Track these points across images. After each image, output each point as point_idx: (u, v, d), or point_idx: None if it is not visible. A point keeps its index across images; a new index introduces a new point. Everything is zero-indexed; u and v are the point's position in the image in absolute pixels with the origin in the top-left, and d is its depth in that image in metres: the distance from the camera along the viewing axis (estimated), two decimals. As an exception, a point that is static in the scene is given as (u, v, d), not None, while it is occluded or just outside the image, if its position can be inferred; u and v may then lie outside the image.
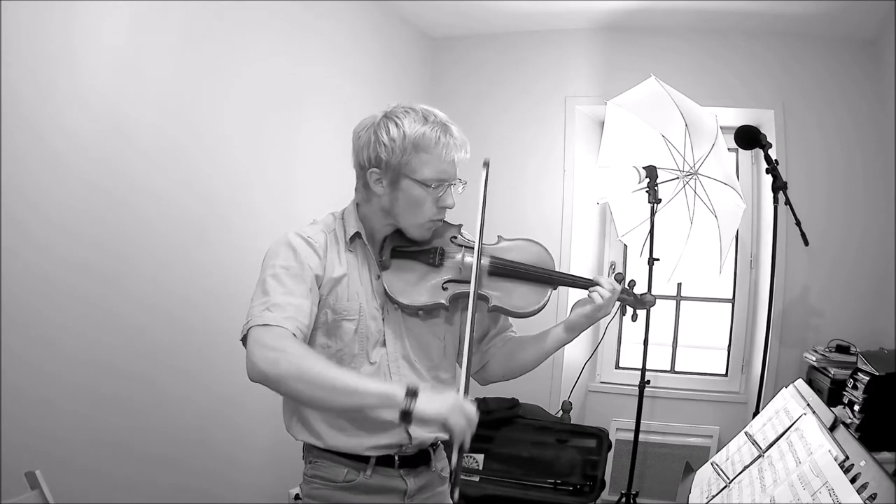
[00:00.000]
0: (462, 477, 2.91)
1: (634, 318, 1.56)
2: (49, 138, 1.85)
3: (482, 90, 3.77)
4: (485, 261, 1.43)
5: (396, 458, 1.40)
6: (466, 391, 1.23)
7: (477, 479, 2.93)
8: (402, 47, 3.62)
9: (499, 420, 3.04)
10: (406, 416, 1.15)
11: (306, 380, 1.18)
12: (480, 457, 2.99)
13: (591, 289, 1.45)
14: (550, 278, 1.45)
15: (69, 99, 1.90)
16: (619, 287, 1.45)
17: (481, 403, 3.10)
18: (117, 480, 2.07)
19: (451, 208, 1.41)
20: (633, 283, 1.52)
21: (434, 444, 1.49)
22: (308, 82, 2.89)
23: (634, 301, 1.53)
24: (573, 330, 1.47)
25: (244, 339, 1.28)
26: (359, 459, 1.38)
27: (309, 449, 1.43)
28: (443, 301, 1.39)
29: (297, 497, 2.81)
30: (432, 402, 1.16)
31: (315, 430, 1.38)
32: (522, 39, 3.76)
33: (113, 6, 2.01)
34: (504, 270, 1.44)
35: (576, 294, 1.51)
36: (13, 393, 1.77)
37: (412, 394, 1.16)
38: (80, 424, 1.97)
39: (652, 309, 1.63)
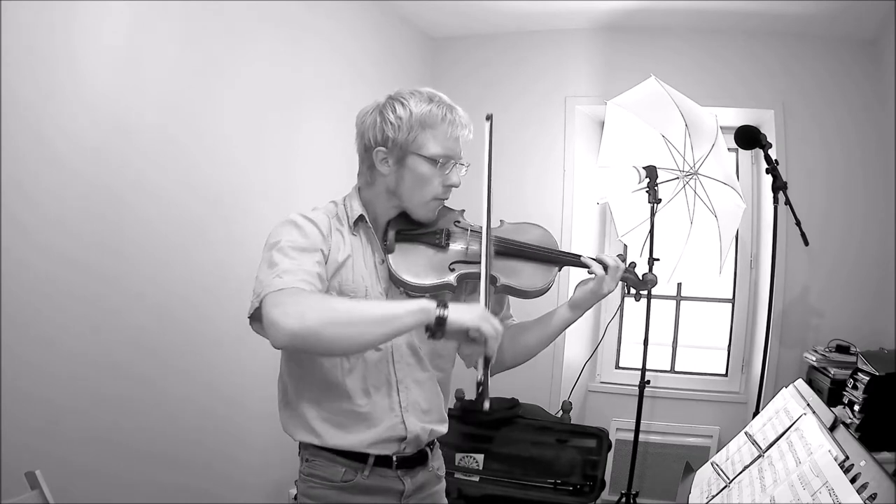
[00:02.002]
0: (462, 477, 2.93)
1: (638, 298, 1.59)
2: (49, 138, 1.85)
3: (482, 90, 3.77)
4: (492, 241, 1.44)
5: (394, 458, 1.40)
6: (487, 305, 1.27)
7: (477, 479, 2.93)
8: (402, 47, 3.62)
9: (499, 420, 3.04)
10: (441, 323, 1.16)
11: (339, 321, 1.16)
12: (480, 457, 2.99)
13: (590, 264, 1.46)
14: (556, 258, 1.47)
15: (69, 99, 1.90)
16: (622, 266, 1.46)
17: (481, 403, 3.09)
18: (117, 480, 2.07)
19: (456, 187, 1.41)
20: (633, 265, 1.54)
21: (430, 444, 1.49)
22: (308, 82, 2.89)
23: (637, 281, 1.54)
24: (578, 307, 1.47)
25: (252, 316, 1.25)
26: (356, 459, 1.38)
27: (305, 447, 1.42)
28: (450, 280, 1.38)
29: (296, 497, 2.81)
30: (463, 311, 1.18)
31: (313, 428, 1.37)
32: (522, 39, 3.76)
33: (113, 6, 2.00)
34: (510, 250, 1.44)
35: (576, 282, 1.51)
36: (13, 393, 1.77)
37: (443, 304, 1.18)
38: (80, 424, 1.97)
39: (652, 308, 1.64)
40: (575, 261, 1.49)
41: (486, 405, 1.22)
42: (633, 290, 1.58)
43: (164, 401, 2.25)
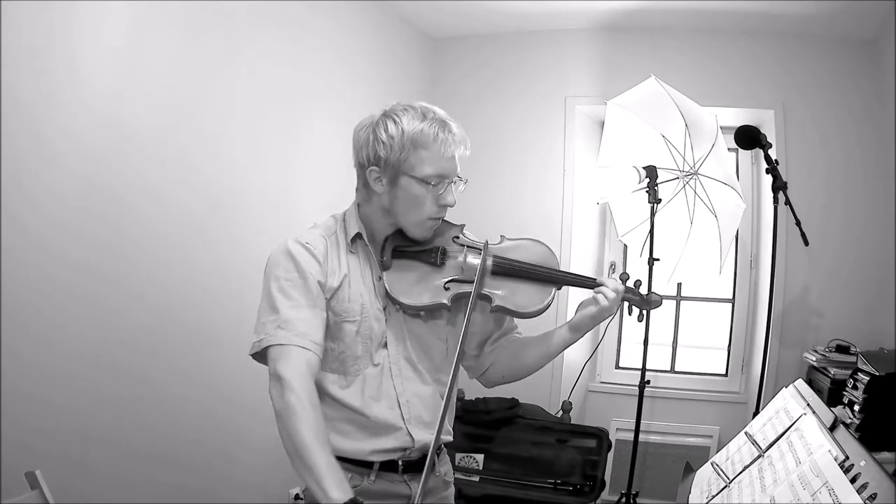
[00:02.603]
0: (462, 477, 2.93)
1: (640, 318, 1.54)
2: (49, 138, 1.85)
3: (482, 90, 3.77)
4: (488, 260, 1.42)
5: (400, 463, 1.39)
6: (439, 434, 1.23)
7: (477, 479, 2.93)
8: (402, 47, 3.62)
9: (499, 420, 3.04)
10: None
11: (285, 429, 1.19)
12: (480, 457, 2.99)
13: (595, 290, 1.43)
14: (555, 278, 1.44)
15: (69, 99, 1.90)
16: (622, 287, 1.44)
17: (481, 403, 3.10)
18: (117, 480, 2.07)
19: (451, 206, 1.40)
20: (638, 283, 1.50)
21: (438, 449, 1.48)
22: (308, 82, 2.89)
23: (640, 301, 1.51)
24: (578, 330, 1.46)
25: (257, 355, 1.30)
26: (362, 465, 1.37)
27: None
28: (444, 301, 1.37)
29: (297, 497, 2.81)
30: None
31: None
32: (522, 39, 3.76)
33: (113, 6, 2.01)
34: (508, 270, 1.42)
35: (577, 297, 1.50)
36: (13, 393, 1.77)
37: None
38: (80, 424, 1.97)
39: (654, 309, 1.61)
40: (576, 281, 1.47)
41: None
42: (635, 310, 1.53)
43: (164, 401, 2.25)
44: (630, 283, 1.48)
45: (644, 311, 1.53)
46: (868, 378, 2.40)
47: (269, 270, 1.34)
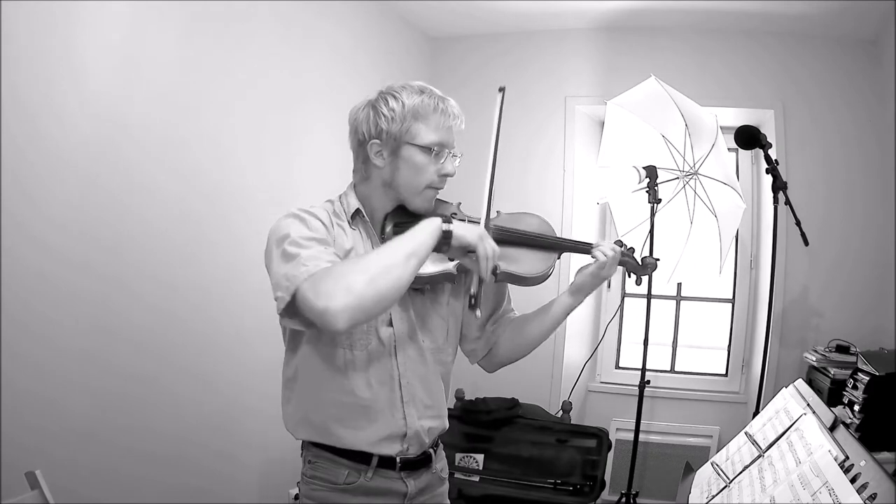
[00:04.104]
0: (462, 477, 2.93)
1: (638, 282, 1.60)
2: (50, 137, 1.85)
3: (482, 90, 3.76)
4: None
5: (398, 460, 1.40)
6: (487, 227, 1.36)
7: (477, 479, 2.93)
8: (402, 47, 3.62)
9: (499, 420, 3.04)
10: (447, 237, 1.26)
11: (378, 274, 1.16)
12: (480, 457, 2.99)
13: (593, 248, 1.48)
14: (554, 244, 1.49)
15: (69, 97, 1.90)
16: (619, 249, 1.48)
17: (481, 403, 3.10)
18: (117, 480, 2.07)
19: (451, 176, 1.42)
20: (632, 250, 1.56)
21: (434, 446, 1.49)
22: (308, 82, 2.89)
23: (636, 265, 1.56)
24: (579, 292, 1.49)
25: (286, 310, 1.20)
26: (360, 460, 1.37)
27: (308, 447, 1.42)
28: (451, 269, 1.39)
29: (296, 497, 2.81)
30: (465, 228, 1.30)
31: (314, 423, 1.38)
32: (522, 39, 3.76)
33: (113, 6, 2.00)
34: (510, 238, 1.46)
35: (576, 271, 1.52)
36: (13, 392, 1.76)
37: (449, 221, 1.28)
38: (80, 424, 1.97)
39: (652, 308, 1.64)
40: (574, 246, 1.51)
41: (479, 313, 1.35)
42: (633, 275, 1.60)
43: (165, 400, 2.25)
44: (624, 249, 1.53)
45: (641, 277, 1.59)
46: (868, 378, 2.40)
47: (277, 235, 1.29)
